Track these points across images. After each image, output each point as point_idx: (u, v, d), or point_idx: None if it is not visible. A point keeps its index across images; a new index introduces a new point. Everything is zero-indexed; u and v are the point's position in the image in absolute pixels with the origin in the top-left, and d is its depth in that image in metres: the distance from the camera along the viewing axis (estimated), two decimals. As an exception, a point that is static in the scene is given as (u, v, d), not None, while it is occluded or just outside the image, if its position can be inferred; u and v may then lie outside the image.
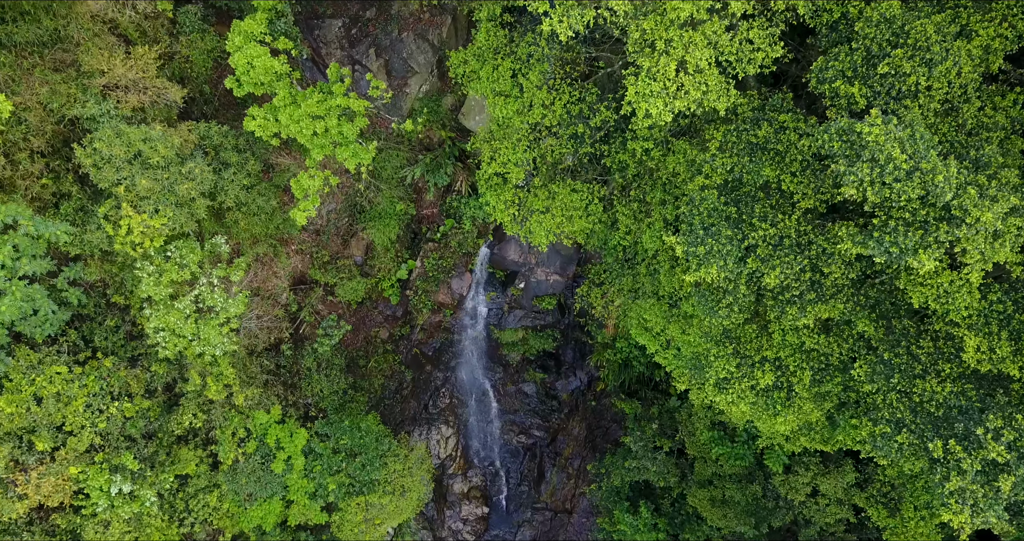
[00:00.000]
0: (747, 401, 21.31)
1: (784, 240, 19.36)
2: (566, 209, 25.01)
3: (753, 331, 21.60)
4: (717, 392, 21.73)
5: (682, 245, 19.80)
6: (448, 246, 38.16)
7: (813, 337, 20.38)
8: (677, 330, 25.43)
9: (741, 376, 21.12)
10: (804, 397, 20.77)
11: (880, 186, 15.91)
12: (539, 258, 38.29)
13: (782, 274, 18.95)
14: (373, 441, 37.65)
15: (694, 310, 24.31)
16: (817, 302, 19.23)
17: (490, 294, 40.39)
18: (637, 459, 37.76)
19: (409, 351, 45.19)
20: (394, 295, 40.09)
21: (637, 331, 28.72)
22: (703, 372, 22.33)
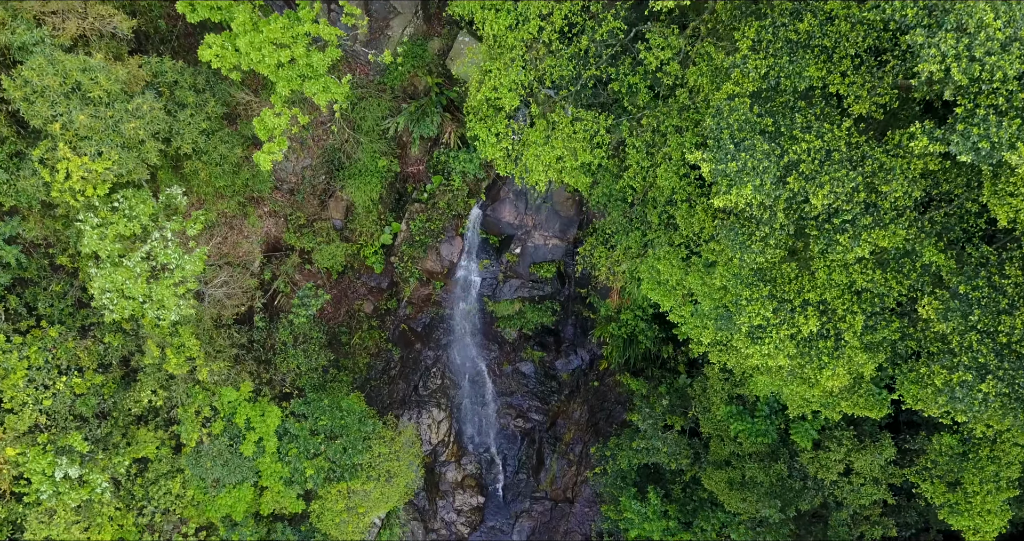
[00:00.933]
0: (786, 353, 17.97)
1: (833, 154, 16.00)
2: (569, 141, 21.59)
3: (792, 270, 18.23)
4: (750, 343, 18.35)
5: (709, 162, 16.41)
6: (436, 207, 34.68)
7: (867, 273, 16.94)
8: (696, 280, 22.04)
9: (779, 323, 17.74)
10: (855, 346, 17.42)
11: (968, 62, 12.56)
12: (537, 220, 34.84)
13: (831, 194, 15.57)
14: (355, 422, 34.18)
15: (717, 256, 20.92)
16: (874, 227, 15.86)
17: (483, 262, 36.92)
18: (646, 439, 34.33)
19: (396, 327, 41.69)
20: (378, 263, 36.59)
21: (649, 286, 25.30)
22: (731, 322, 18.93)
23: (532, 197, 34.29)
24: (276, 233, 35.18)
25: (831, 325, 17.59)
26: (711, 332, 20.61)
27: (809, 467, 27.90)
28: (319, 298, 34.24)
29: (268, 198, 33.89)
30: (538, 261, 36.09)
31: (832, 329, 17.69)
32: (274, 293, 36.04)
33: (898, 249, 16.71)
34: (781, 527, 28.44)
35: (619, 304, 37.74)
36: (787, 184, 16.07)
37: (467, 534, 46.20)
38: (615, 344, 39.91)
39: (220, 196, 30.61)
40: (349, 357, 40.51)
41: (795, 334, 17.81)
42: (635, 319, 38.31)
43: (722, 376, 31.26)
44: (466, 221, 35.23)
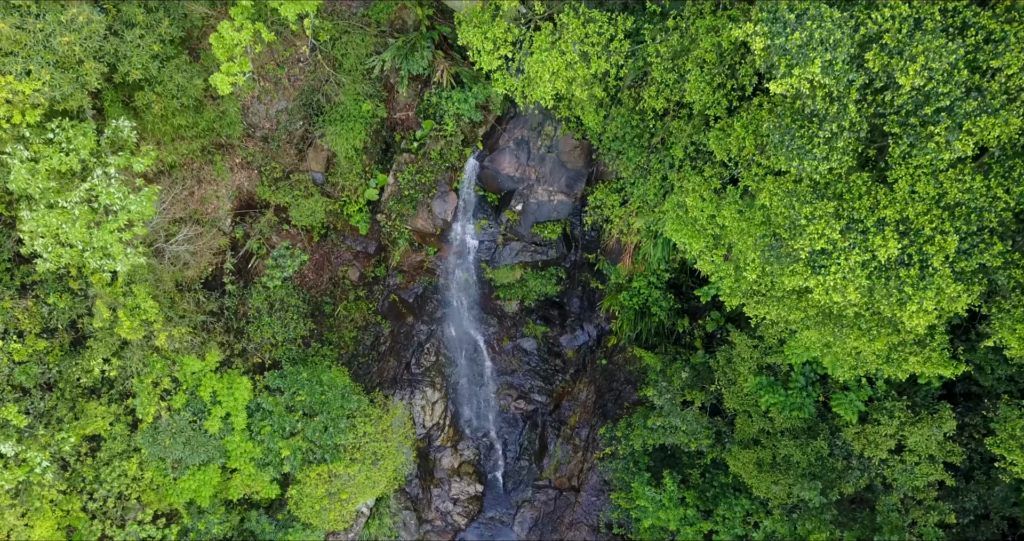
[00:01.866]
0: (857, 285, 14.32)
1: (924, 22, 12.42)
2: (581, 45, 17.91)
3: (863, 182, 14.57)
4: (810, 274, 14.68)
5: (764, 37, 12.78)
6: (427, 157, 30.98)
7: (963, 180, 13.32)
8: (731, 214, 18.37)
9: (848, 247, 14.08)
10: (946, 275, 13.78)
11: None
12: (540, 173, 31.13)
13: (924, 70, 11.97)
14: (338, 398, 30.55)
15: (760, 182, 17.24)
16: (979, 114, 12.27)
17: (480, 222, 33.22)
18: (663, 416, 30.63)
19: (385, 298, 38.02)
20: (363, 222, 32.89)
21: (674, 228, 21.61)
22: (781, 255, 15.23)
23: (535, 146, 30.61)
24: (249, 187, 31.50)
25: (915, 248, 13.95)
26: (753, 270, 16.88)
27: (854, 444, 24.21)
28: (296, 259, 30.56)
29: (239, 146, 30.19)
30: (541, 220, 32.39)
31: (916, 254, 14.06)
32: (248, 255, 32.37)
33: (1009, 145, 13.08)
34: (822, 512, 24.78)
35: (631, 270, 34.04)
36: (865, 64, 12.46)
37: (464, 525, 42.61)
38: (626, 317, 36.21)
39: (180, 138, 26.91)
40: (334, 330, 36.85)
41: (868, 261, 14.16)
42: (649, 287, 34.62)
43: (750, 343, 27.57)
44: (461, 174, 31.53)
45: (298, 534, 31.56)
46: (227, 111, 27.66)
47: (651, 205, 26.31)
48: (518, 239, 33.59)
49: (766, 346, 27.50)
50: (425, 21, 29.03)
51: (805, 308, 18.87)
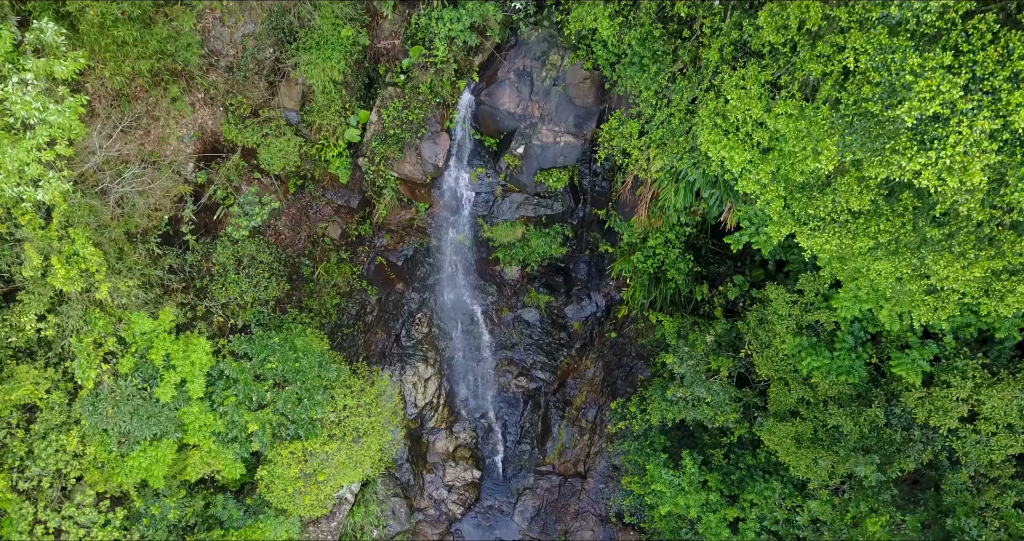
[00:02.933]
0: (983, 161, 10.55)
1: None
2: None
3: (988, 27, 10.81)
4: (915, 151, 10.93)
5: None
6: (416, 91, 27.13)
7: None
8: (789, 110, 14.55)
9: (972, 110, 10.33)
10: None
11: None
12: (545, 110, 27.29)
13: None
14: (314, 366, 26.74)
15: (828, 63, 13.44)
16: None
17: (477, 171, 29.38)
18: (684, 387, 26.83)
19: (371, 261, 34.20)
20: (343, 169, 29.04)
21: (712, 139, 17.77)
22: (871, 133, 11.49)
23: (539, 78, 26.76)
24: (214, 127, 27.66)
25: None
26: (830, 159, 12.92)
27: (917, 411, 20.38)
28: (266, 206, 26.71)
29: (200, 77, 26.36)
30: (546, 166, 28.53)
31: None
32: (213, 207, 28.54)
33: None
34: (880, 492, 20.98)
35: (647, 226, 30.17)
36: None
37: (460, 514, 38.87)
38: (638, 282, 32.35)
39: (124, 56, 23.05)
40: (314, 296, 33.04)
41: (998, 130, 10.49)
42: (666, 247, 30.78)
43: (789, 298, 23.76)
44: (454, 112, 27.68)
45: (269, 522, 27.79)
46: (182, 29, 23.83)
47: (675, 134, 22.48)
48: (519, 190, 29.73)
49: (806, 302, 23.69)
50: (413, -69, 25.21)
51: (875, 232, 15.06)
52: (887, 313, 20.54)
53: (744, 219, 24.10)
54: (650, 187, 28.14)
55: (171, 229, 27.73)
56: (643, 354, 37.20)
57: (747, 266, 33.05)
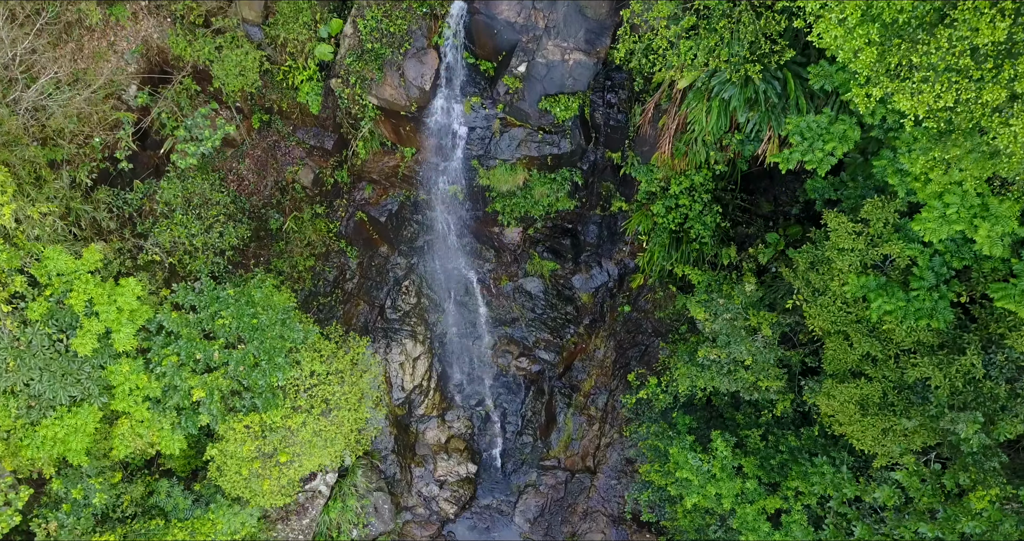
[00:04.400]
0: None
1: None
2: None
3: None
4: None
5: None
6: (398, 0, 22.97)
7: None
8: None
9: None
10: None
11: None
12: (551, 20, 23.07)
13: None
14: (275, 323, 22.31)
15: None
16: None
17: (471, 100, 25.10)
18: (719, 346, 22.34)
19: (350, 216, 29.84)
20: (314, 96, 24.79)
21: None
22: None
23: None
24: (160, 43, 23.41)
25: None
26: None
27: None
28: (219, 129, 22.37)
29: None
30: (552, 91, 24.26)
31: None
32: (160, 141, 24.24)
33: None
34: (986, 458, 16.42)
35: (669, 168, 25.82)
36: None
37: (453, 514, 34.27)
38: (657, 241, 27.96)
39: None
40: (284, 257, 28.66)
41: None
42: (690, 197, 26.47)
43: (852, 228, 19.36)
44: (443, 24, 23.44)
45: (222, 513, 23.20)
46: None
47: (713, 17, 18.20)
48: (521, 122, 25.40)
49: (873, 234, 19.29)
50: None
51: (1013, 77, 10.74)
52: (985, 233, 16.17)
53: (795, 133, 19.76)
54: (675, 115, 23.83)
55: (111, 167, 23.45)
56: (661, 330, 32.74)
57: (780, 225, 28.67)
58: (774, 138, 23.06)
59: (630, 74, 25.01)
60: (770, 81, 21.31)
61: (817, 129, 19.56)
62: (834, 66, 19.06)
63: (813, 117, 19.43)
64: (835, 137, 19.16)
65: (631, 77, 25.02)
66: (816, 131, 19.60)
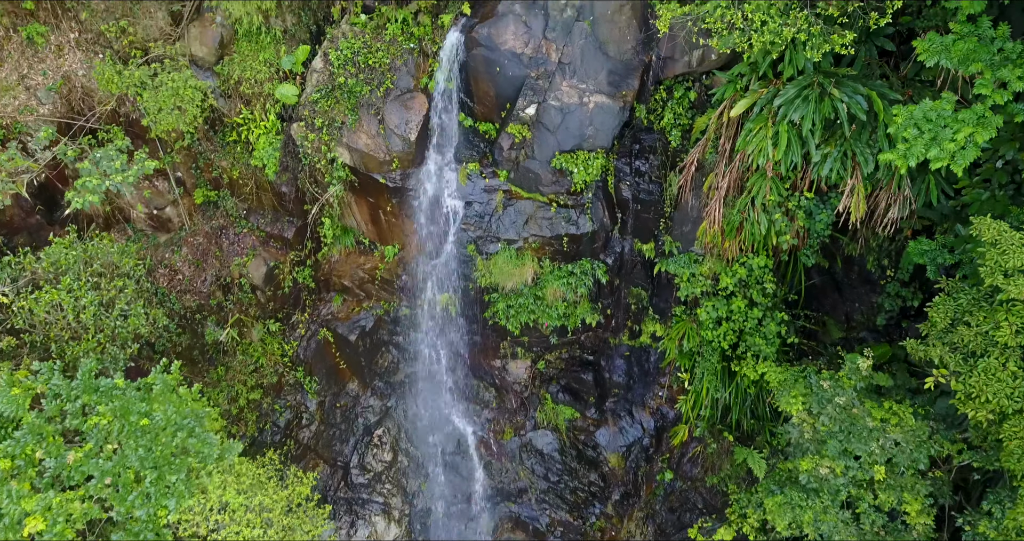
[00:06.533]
0: None
1: None
2: None
3: None
4: None
5: None
6: (381, 30, 18.95)
7: None
8: None
9: None
10: None
11: None
12: (566, 55, 18.83)
13: None
14: (177, 428, 15.13)
15: None
16: None
17: (468, 168, 20.14)
18: (828, 456, 14.86)
19: (312, 335, 23.44)
20: (271, 156, 19.85)
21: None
22: None
23: (556, 6, 18.69)
24: (85, 82, 18.99)
25: None
26: None
27: None
28: (137, 164, 17.01)
29: (79, 5, 18.34)
30: (568, 147, 19.33)
31: None
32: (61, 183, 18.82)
33: None
34: None
35: (720, 251, 20.13)
36: None
37: None
38: (705, 367, 21.60)
39: None
40: (222, 387, 21.90)
41: None
42: (745, 298, 20.64)
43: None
44: (435, 62, 19.18)
45: None
46: None
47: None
48: (530, 193, 20.17)
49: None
50: None
51: None
52: None
53: (907, 126, 14.34)
54: (726, 170, 18.65)
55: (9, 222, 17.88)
56: (714, 503, 24.84)
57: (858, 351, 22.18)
58: (859, 188, 17.71)
59: (663, 134, 20.32)
60: (853, 96, 16.48)
61: (938, 119, 14.25)
62: (950, 36, 14.31)
63: (930, 104, 14.22)
64: (968, 123, 13.80)
65: (664, 137, 20.29)
66: (937, 121, 14.28)
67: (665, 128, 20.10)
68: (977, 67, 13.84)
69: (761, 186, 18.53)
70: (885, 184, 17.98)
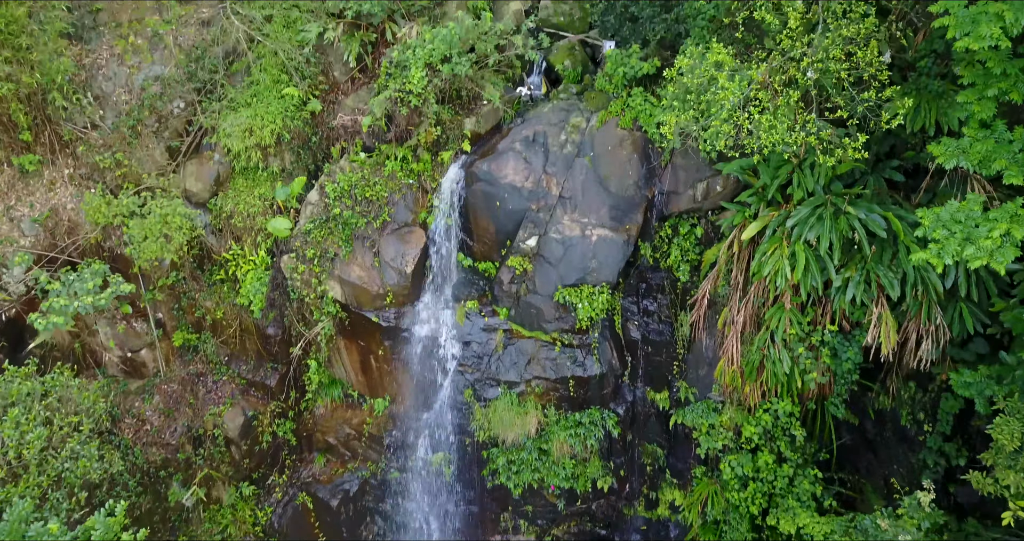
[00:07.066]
0: None
1: None
2: None
3: None
4: None
5: None
6: (380, 166, 18.76)
7: None
8: None
9: None
10: None
11: None
12: (567, 189, 18.37)
13: None
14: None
15: None
16: None
17: (466, 306, 19.02)
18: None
19: (289, 499, 20.87)
20: (257, 293, 18.84)
21: None
22: None
23: (555, 142, 18.62)
24: (74, 214, 18.46)
25: None
26: None
27: None
28: (113, 288, 15.87)
29: (73, 134, 18.35)
30: (571, 281, 18.27)
31: None
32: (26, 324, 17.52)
33: None
34: None
35: (740, 395, 18.45)
36: None
37: None
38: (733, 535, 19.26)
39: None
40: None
41: None
42: (772, 451, 18.85)
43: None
44: (433, 198, 18.76)
45: None
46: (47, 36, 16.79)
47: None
48: (532, 331, 18.83)
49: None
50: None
51: None
52: None
53: (936, 227, 13.36)
54: (742, 305, 17.53)
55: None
56: None
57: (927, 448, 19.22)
58: (886, 316, 16.50)
59: (670, 272, 19.41)
60: (869, 214, 15.80)
61: (968, 220, 13.33)
62: (965, 139, 13.80)
63: (956, 204, 13.40)
64: (1001, 220, 12.86)
65: (671, 274, 19.35)
66: (967, 222, 13.35)
67: (672, 266, 19.24)
68: (1001, 164, 13.18)
69: (780, 319, 17.29)
70: (914, 314, 16.77)
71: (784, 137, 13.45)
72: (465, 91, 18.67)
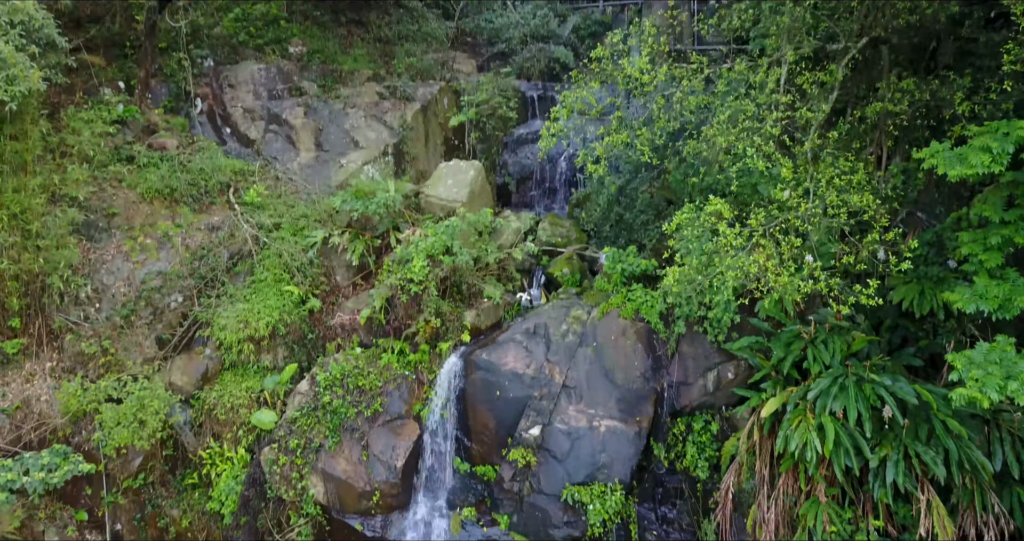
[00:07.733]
0: None
1: None
2: None
3: None
4: None
5: None
6: (375, 358, 18.03)
7: None
8: None
9: None
10: None
11: None
12: (572, 379, 17.30)
13: None
14: None
15: None
16: None
17: (462, 514, 16.93)
18: None
19: None
20: (232, 490, 16.97)
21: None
22: None
23: (556, 332, 18.11)
24: (47, 406, 17.27)
25: None
26: None
27: None
28: (70, 465, 14.20)
29: (64, 323, 17.97)
30: (579, 478, 16.32)
31: None
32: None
33: None
34: None
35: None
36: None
37: None
38: None
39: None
40: None
41: None
42: None
43: None
44: (429, 390, 17.70)
45: None
46: (59, 229, 17.38)
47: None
48: (535, 535, 16.47)
49: None
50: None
51: None
52: None
53: (970, 367, 12.35)
54: (772, 499, 15.77)
55: None
56: None
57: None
58: (936, 503, 14.79)
59: (687, 474, 17.66)
60: (895, 382, 14.87)
61: (1004, 360, 12.39)
62: (980, 284, 13.35)
63: (987, 346, 12.58)
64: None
65: (688, 476, 17.59)
66: (1003, 362, 12.37)
67: (689, 467, 17.61)
68: (1022, 301, 12.62)
69: (817, 515, 15.34)
70: (966, 505, 14.96)
71: (796, 280, 13.06)
72: (466, 286, 18.65)
